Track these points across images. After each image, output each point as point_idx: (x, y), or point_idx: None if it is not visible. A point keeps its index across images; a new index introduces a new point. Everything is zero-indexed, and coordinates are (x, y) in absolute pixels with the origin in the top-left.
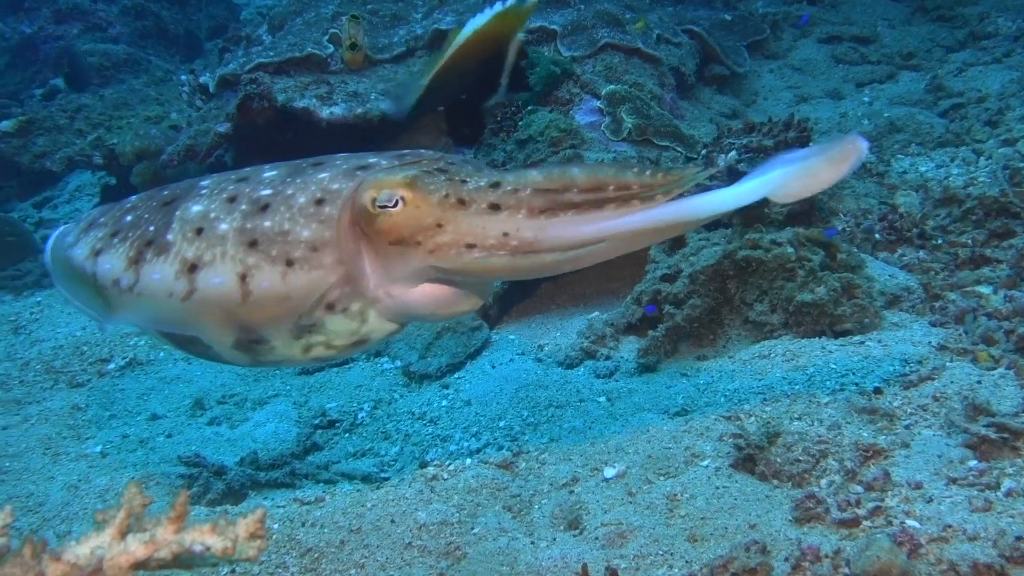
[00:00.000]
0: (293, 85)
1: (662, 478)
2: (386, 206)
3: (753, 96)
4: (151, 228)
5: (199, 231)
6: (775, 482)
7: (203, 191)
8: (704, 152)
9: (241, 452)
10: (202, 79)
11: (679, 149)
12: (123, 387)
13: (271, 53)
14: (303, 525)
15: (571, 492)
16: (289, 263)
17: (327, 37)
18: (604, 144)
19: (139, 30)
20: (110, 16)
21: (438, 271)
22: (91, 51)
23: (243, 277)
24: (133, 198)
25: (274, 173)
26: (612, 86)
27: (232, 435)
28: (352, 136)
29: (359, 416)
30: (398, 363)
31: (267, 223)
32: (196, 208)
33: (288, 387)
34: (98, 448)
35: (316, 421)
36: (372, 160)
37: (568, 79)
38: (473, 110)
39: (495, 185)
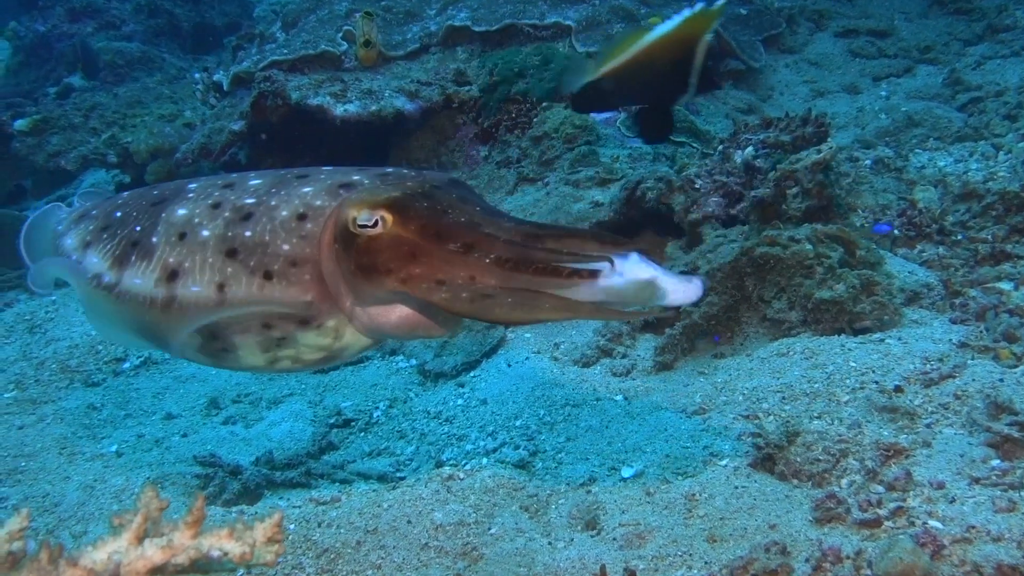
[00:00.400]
0: (307, 83)
1: (680, 478)
2: (366, 226)
3: (769, 91)
4: (137, 228)
5: (182, 236)
6: (795, 482)
7: (190, 194)
8: (720, 148)
9: (256, 451)
10: (216, 77)
11: (695, 145)
12: (138, 386)
13: (285, 51)
14: (319, 525)
15: (588, 492)
16: (267, 276)
17: (341, 34)
18: (619, 140)
19: (152, 28)
20: (124, 14)
21: (406, 299)
22: (105, 49)
23: (220, 287)
24: (126, 194)
25: (259, 182)
26: None
27: (247, 434)
28: (366, 133)
29: (374, 415)
30: (413, 361)
31: (248, 233)
32: (181, 212)
33: (303, 386)
34: (113, 448)
35: (331, 420)
36: (356, 178)
37: None
38: (665, 111)
39: (473, 225)
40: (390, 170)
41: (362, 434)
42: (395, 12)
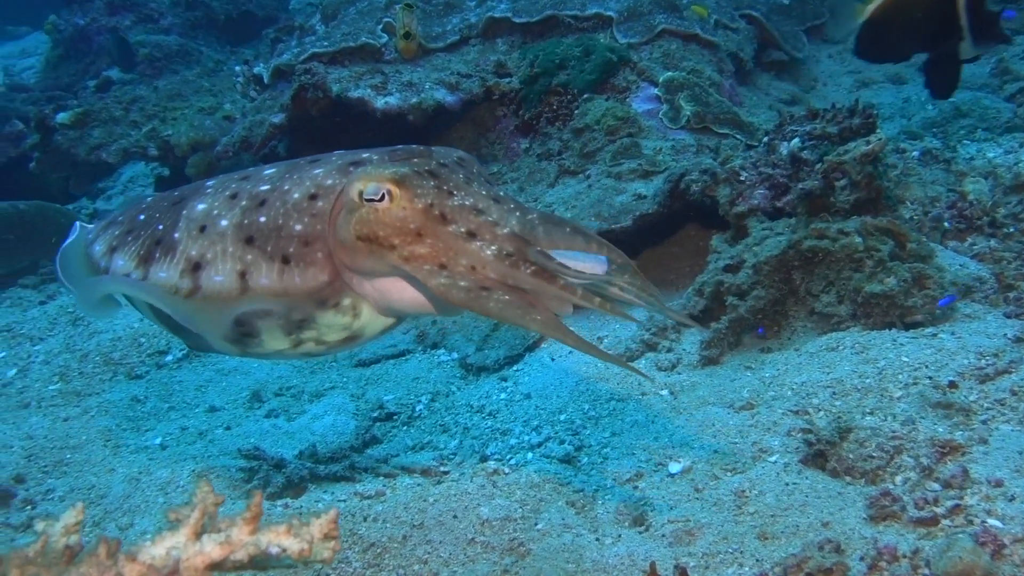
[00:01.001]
0: (348, 75)
1: (729, 474)
2: (372, 199)
3: (812, 82)
4: (160, 227)
5: (202, 228)
6: (847, 479)
7: (208, 190)
8: (765, 140)
9: (299, 445)
10: (256, 70)
11: (739, 137)
12: (181, 379)
13: (325, 43)
14: (365, 520)
15: (635, 488)
16: (285, 260)
17: (381, 26)
18: (662, 132)
19: (190, 20)
20: (162, 7)
21: (408, 278)
22: (143, 42)
23: (242, 274)
24: (149, 199)
25: (273, 171)
26: (670, 73)
27: (290, 428)
28: (406, 126)
29: (417, 409)
30: (455, 355)
31: (263, 219)
32: (201, 206)
33: (345, 379)
34: (158, 440)
35: (375, 414)
36: (365, 156)
37: (624, 66)
38: (951, 62)
39: (478, 211)
40: (400, 147)
41: (405, 428)
42: (435, 4)
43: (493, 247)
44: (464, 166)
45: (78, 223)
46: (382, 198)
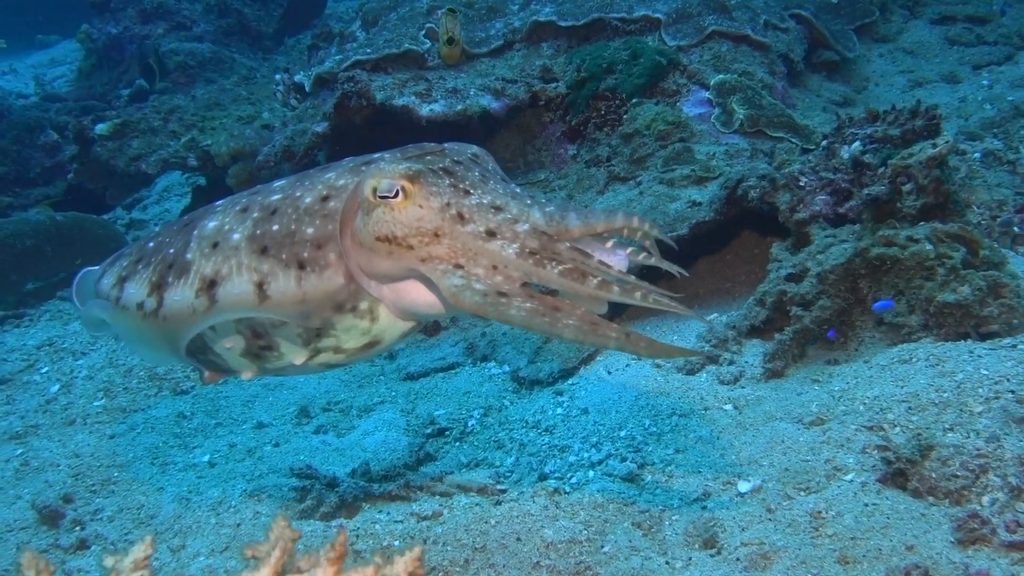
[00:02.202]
0: (391, 83)
1: (803, 493)
2: (387, 196)
3: (864, 82)
4: (171, 251)
5: (215, 245)
6: (931, 499)
7: (217, 208)
8: (825, 143)
9: (350, 462)
10: (297, 78)
11: (794, 140)
12: (227, 394)
13: (368, 50)
14: (425, 542)
15: (703, 507)
16: (300, 265)
17: (423, 32)
18: (714, 136)
19: (223, 28)
20: (194, 14)
21: (425, 280)
22: (176, 50)
23: (260, 285)
24: (157, 228)
25: (284, 182)
26: (721, 75)
27: (340, 444)
28: (450, 134)
29: (469, 424)
30: (506, 368)
31: (275, 227)
32: (211, 224)
33: (393, 393)
34: (206, 457)
35: (428, 430)
36: (376, 156)
37: (674, 69)
38: None
39: (497, 208)
40: (411, 146)
41: (457, 444)
42: (477, 8)
43: (515, 245)
44: (479, 162)
45: (84, 270)
46: (396, 194)
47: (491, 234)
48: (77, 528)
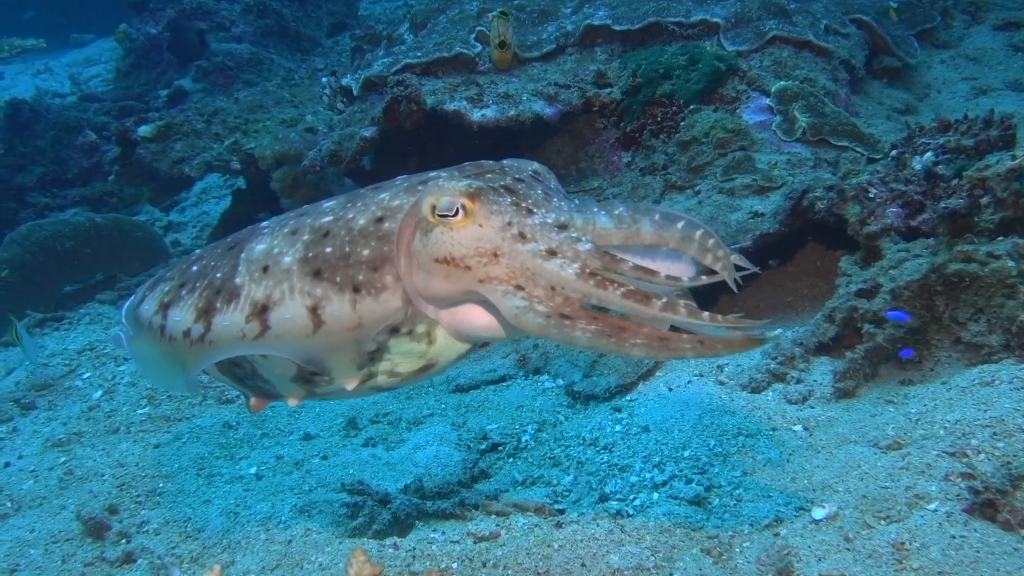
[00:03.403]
0: (442, 87)
1: (883, 522)
2: (446, 215)
3: (926, 89)
4: (218, 275)
5: (265, 269)
6: (1023, 533)
7: (264, 230)
8: (894, 153)
9: (401, 477)
10: (344, 81)
11: (859, 150)
12: (273, 404)
13: (418, 53)
14: (484, 566)
15: (776, 535)
16: (356, 288)
17: (474, 35)
18: (776, 145)
19: (261, 28)
20: (233, 15)
21: (484, 302)
22: (216, 51)
23: (313, 309)
24: (198, 251)
25: (334, 203)
26: (782, 82)
27: (390, 458)
28: (501, 139)
29: (523, 439)
30: (560, 382)
31: (328, 249)
32: (260, 247)
33: (443, 406)
34: (253, 470)
35: (482, 446)
36: (432, 175)
37: (733, 75)
38: None
39: (561, 227)
40: (468, 164)
41: (511, 460)
42: (529, 11)
43: (575, 265)
44: (540, 179)
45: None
46: (456, 213)
47: (551, 253)
48: (123, 541)
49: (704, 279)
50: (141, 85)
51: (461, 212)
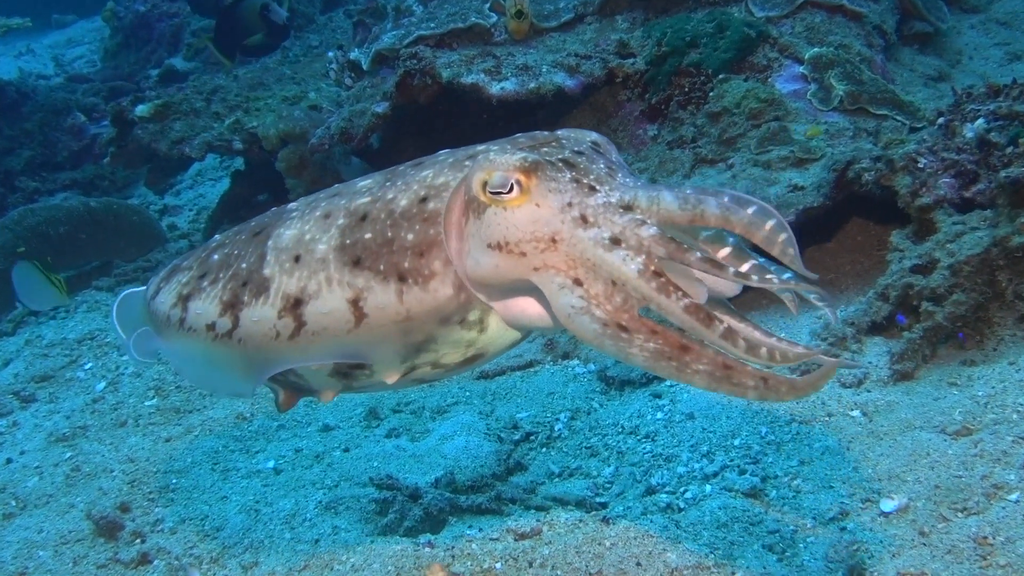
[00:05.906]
0: (457, 59)
1: (960, 515)
2: (499, 192)
3: (957, 55)
4: (243, 265)
5: (297, 258)
6: None
7: (293, 214)
8: (941, 121)
9: (429, 469)
10: (352, 55)
11: (899, 118)
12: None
13: (432, 24)
14: (531, 566)
15: (843, 529)
16: (401, 277)
17: (488, 4)
18: (812, 115)
19: None
20: None
21: (538, 293)
22: (207, 28)
23: (355, 302)
24: (218, 237)
25: (369, 181)
26: (816, 49)
27: (415, 450)
28: (519, 113)
29: (556, 428)
30: (591, 367)
31: (368, 235)
32: (289, 233)
33: (468, 393)
34: (271, 464)
35: (515, 436)
36: (481, 148)
37: (764, 42)
38: None
39: (626, 208)
40: (520, 135)
41: (544, 450)
42: None
43: (639, 259)
44: (601, 152)
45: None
46: (511, 189)
47: (615, 242)
48: (137, 541)
49: (791, 282)
50: (130, 65)
51: (516, 189)
